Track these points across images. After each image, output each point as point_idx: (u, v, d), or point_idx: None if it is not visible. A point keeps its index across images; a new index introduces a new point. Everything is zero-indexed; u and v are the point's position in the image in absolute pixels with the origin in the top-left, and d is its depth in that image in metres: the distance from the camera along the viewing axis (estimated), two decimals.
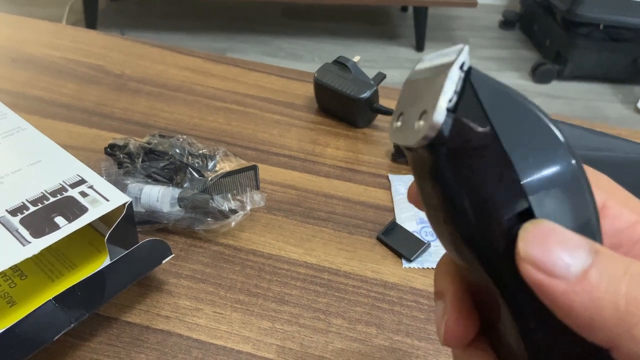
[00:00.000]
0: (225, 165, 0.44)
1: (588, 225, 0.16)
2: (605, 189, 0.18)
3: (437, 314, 0.19)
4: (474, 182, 0.16)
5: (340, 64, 0.55)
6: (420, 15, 2.05)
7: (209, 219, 0.41)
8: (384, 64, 2.02)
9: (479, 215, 0.16)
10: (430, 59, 0.17)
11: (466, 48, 0.16)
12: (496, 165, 0.16)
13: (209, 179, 0.42)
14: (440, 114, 0.15)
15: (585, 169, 0.17)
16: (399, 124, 0.17)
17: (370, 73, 0.55)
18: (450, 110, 0.15)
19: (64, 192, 0.36)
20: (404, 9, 2.34)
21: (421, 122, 0.16)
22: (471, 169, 0.16)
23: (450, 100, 0.15)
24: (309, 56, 2.04)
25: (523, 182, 0.16)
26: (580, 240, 0.15)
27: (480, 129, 0.16)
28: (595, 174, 0.18)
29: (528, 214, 0.16)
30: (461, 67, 0.16)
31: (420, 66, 0.18)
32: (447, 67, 0.16)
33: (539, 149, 0.16)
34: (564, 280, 0.14)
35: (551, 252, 0.14)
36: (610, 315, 0.14)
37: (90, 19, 1.98)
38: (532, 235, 0.15)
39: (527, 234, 0.15)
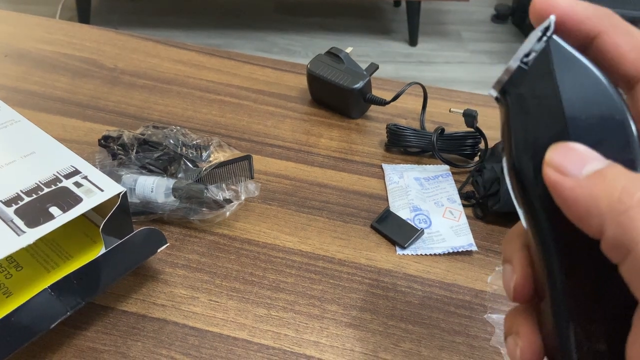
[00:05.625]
0: (219, 156, 0.44)
1: (626, 162, 0.18)
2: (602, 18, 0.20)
3: (506, 275, 0.22)
4: (529, 124, 0.19)
5: (333, 55, 0.55)
6: (413, 9, 2.06)
7: (203, 209, 0.41)
8: (378, 58, 2.02)
9: (525, 150, 0.19)
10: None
11: (552, 19, 0.19)
12: (550, 116, 0.19)
13: (203, 169, 0.42)
14: (513, 62, 0.19)
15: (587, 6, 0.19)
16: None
17: (364, 67, 0.55)
18: (524, 63, 0.19)
19: (58, 183, 0.36)
20: (397, 3, 2.34)
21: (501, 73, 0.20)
22: (529, 113, 0.19)
23: (527, 56, 0.19)
24: (303, 51, 2.04)
25: (570, 134, 0.18)
26: (597, 156, 0.17)
27: (544, 81, 0.19)
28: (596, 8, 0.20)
29: None
30: (544, 33, 0.19)
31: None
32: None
33: (594, 107, 0.18)
34: (573, 178, 0.17)
35: (568, 157, 0.18)
36: (604, 204, 0.16)
37: (83, 16, 1.97)
38: (558, 147, 0.18)
39: (554, 145, 0.18)
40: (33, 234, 0.32)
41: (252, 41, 2.08)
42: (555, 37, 0.19)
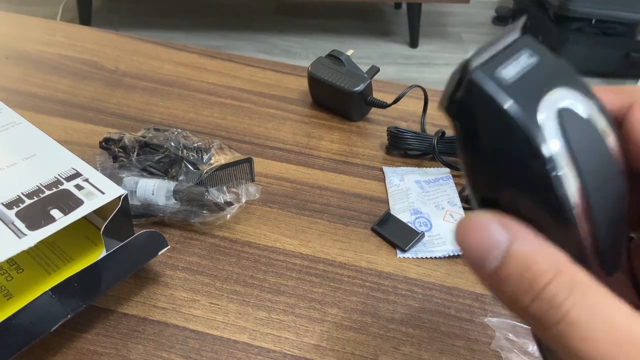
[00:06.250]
0: (220, 158, 0.44)
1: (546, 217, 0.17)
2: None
3: None
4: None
5: (334, 57, 0.56)
6: (414, 11, 2.06)
7: (204, 212, 0.41)
8: (378, 60, 2.02)
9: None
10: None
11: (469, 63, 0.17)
12: (472, 150, 0.18)
13: (204, 171, 0.42)
14: (441, 104, 0.18)
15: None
16: None
17: (365, 69, 0.55)
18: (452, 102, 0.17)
19: (59, 186, 0.36)
20: (398, 5, 2.35)
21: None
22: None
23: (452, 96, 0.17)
24: (303, 53, 2.04)
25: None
26: (497, 240, 0.17)
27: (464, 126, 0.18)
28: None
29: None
30: (460, 82, 0.17)
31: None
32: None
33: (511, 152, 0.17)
34: (479, 270, 0.18)
35: (473, 250, 0.17)
36: (505, 303, 0.18)
37: (84, 17, 1.98)
38: (462, 228, 0.18)
39: (458, 227, 0.18)
40: (34, 237, 0.32)
41: (253, 42, 2.08)
42: (474, 78, 0.16)
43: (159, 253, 0.37)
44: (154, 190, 0.40)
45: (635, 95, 0.19)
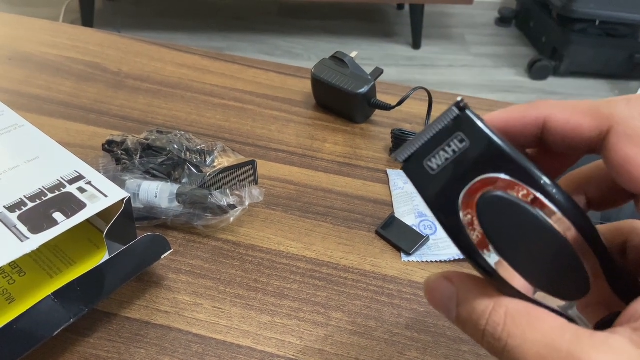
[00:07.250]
0: (223, 161, 0.44)
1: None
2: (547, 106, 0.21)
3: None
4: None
5: (338, 59, 0.55)
6: (417, 12, 2.06)
7: (207, 215, 0.41)
8: (381, 61, 2.02)
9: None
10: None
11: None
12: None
13: (208, 174, 0.42)
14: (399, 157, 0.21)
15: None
16: None
17: (368, 70, 0.55)
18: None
19: (62, 189, 0.35)
20: (400, 6, 2.34)
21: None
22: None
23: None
24: (305, 54, 2.04)
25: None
26: (449, 293, 0.21)
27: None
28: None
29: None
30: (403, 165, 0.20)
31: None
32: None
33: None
34: (450, 320, 0.21)
35: (438, 306, 0.21)
36: (476, 342, 0.20)
37: (87, 18, 1.98)
38: (425, 293, 0.22)
39: (424, 290, 0.22)
40: (37, 240, 0.32)
41: (255, 44, 2.08)
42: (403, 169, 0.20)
43: (162, 256, 0.37)
44: (157, 193, 0.40)
45: (612, 119, 0.19)
